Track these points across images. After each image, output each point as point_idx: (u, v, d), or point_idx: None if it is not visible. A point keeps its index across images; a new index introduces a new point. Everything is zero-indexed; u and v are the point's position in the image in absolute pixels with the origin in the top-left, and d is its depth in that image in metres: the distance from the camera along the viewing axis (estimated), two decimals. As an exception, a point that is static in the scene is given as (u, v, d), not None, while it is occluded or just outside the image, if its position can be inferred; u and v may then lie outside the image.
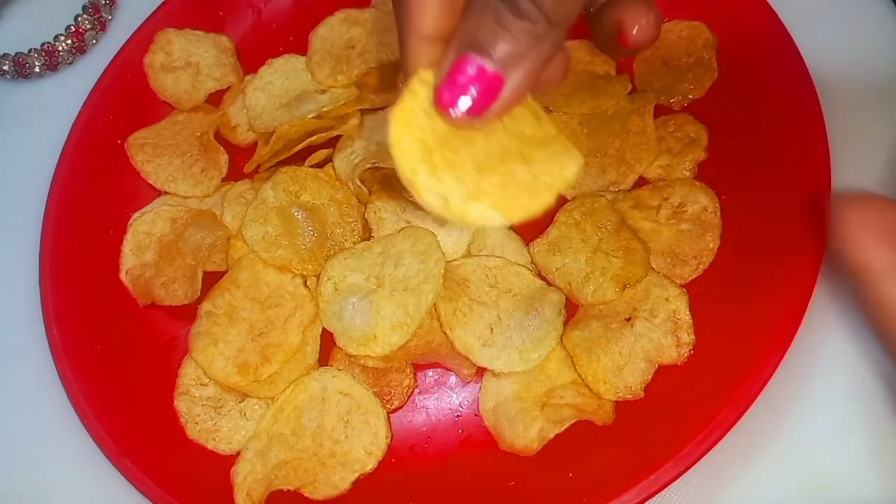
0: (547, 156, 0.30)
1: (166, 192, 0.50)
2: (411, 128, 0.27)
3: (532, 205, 0.29)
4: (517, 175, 0.29)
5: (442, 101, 0.26)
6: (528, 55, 0.25)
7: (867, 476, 0.40)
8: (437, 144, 0.27)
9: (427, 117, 0.27)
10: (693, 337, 0.42)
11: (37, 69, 0.54)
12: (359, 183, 0.47)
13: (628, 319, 0.43)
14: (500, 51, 0.25)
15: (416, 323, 0.43)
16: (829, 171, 0.42)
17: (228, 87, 0.53)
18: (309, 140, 0.48)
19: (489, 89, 0.26)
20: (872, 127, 0.47)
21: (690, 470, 0.38)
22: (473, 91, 0.26)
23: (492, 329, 0.44)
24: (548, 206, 0.29)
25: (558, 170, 0.30)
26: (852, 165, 0.45)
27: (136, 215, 0.49)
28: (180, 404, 0.45)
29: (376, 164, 0.46)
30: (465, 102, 0.26)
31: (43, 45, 0.54)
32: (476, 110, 0.26)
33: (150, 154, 0.50)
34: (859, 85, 0.47)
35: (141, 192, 0.50)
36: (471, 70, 0.25)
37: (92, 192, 0.49)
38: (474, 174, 0.28)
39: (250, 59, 0.53)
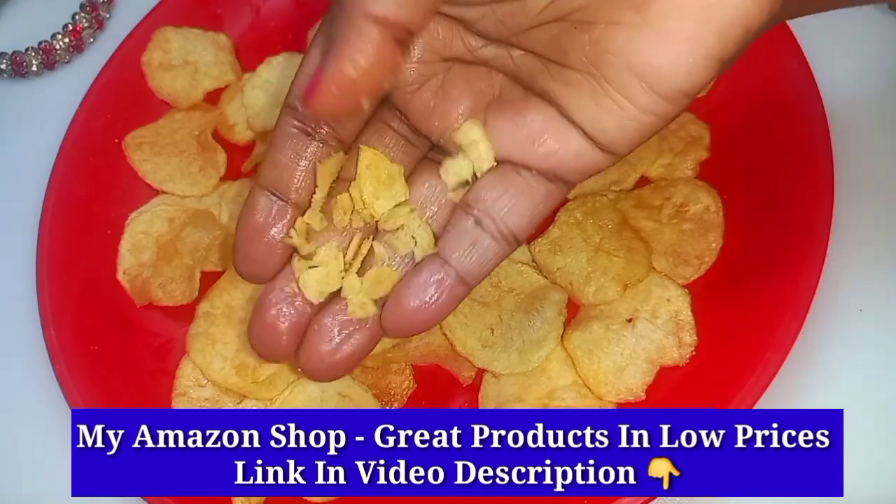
0: None
1: (164, 192, 0.49)
2: None
3: None
4: None
5: None
6: None
7: (870, 477, 0.39)
8: None
9: None
10: (695, 338, 0.42)
11: (34, 68, 0.54)
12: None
13: (630, 320, 0.43)
14: None
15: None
16: (832, 169, 0.42)
17: (226, 86, 0.52)
18: (308, 139, 0.48)
19: None
20: (876, 126, 0.46)
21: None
22: None
23: (492, 330, 0.43)
24: None
25: None
26: (855, 165, 0.45)
27: (133, 215, 0.48)
28: (178, 405, 0.45)
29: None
30: None
31: (40, 43, 0.54)
32: None
33: (147, 153, 0.50)
34: (862, 83, 0.47)
35: (138, 192, 0.49)
36: None
37: (89, 192, 0.49)
38: None
39: (249, 57, 0.53)
